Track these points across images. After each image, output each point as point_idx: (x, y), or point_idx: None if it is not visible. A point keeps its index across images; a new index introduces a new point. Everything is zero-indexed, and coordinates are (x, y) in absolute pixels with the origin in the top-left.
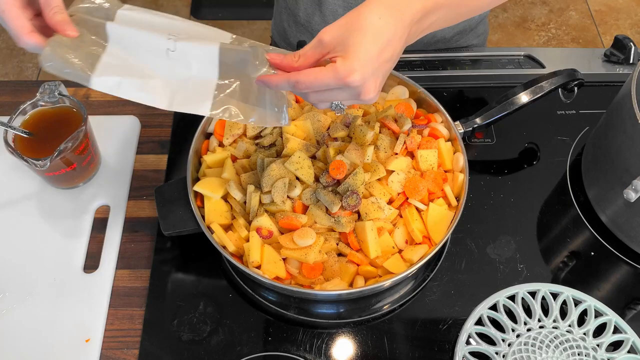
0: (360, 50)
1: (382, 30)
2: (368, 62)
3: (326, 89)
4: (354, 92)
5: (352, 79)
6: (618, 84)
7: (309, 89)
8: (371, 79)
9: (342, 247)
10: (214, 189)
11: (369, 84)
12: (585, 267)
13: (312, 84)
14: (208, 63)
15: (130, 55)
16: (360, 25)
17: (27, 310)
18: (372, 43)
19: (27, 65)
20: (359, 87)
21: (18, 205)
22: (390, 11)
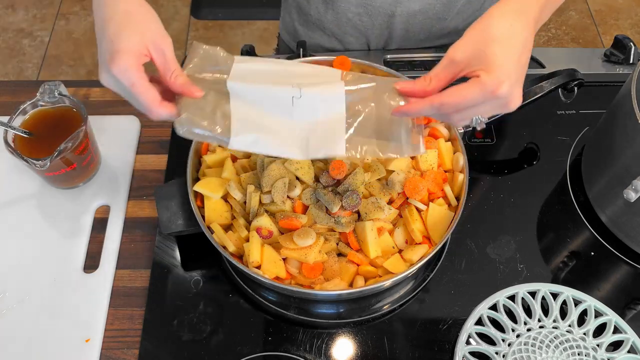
0: (502, 60)
1: (516, 36)
2: (512, 70)
3: (472, 106)
4: (501, 102)
5: (501, 90)
6: (618, 84)
7: (456, 108)
8: (517, 86)
9: (342, 247)
10: (214, 189)
11: (516, 91)
12: (585, 267)
13: (460, 104)
14: (335, 104)
15: (256, 109)
16: (493, 35)
17: (27, 310)
18: (511, 51)
19: (27, 65)
20: (507, 97)
21: (18, 205)
22: (518, 16)
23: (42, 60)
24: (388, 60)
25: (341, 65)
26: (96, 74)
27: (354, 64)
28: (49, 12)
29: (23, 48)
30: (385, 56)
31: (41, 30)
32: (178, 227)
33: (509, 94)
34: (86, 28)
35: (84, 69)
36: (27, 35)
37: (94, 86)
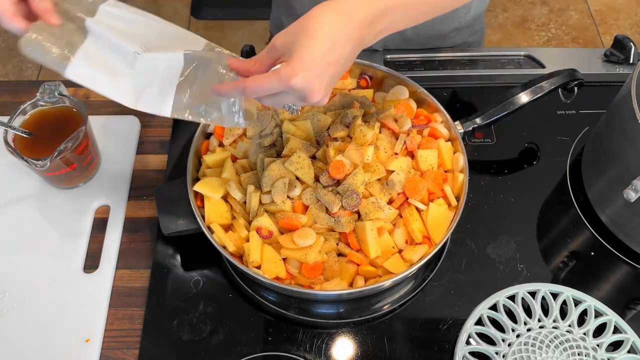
0: (303, 53)
1: (327, 34)
2: (311, 65)
3: (275, 93)
4: (299, 94)
5: (294, 81)
6: (618, 84)
7: (256, 94)
8: (315, 81)
9: (342, 247)
10: (214, 189)
11: (314, 86)
12: (585, 267)
13: (258, 90)
14: (173, 68)
15: (104, 53)
16: (306, 29)
17: (27, 310)
18: (316, 46)
19: (27, 65)
20: (303, 89)
21: (18, 205)
22: (337, 15)
23: None
24: (388, 60)
25: None
26: None
27: (353, 64)
28: None
29: None
30: (386, 56)
31: None
32: (178, 227)
33: (305, 87)
34: None
35: None
36: None
37: None
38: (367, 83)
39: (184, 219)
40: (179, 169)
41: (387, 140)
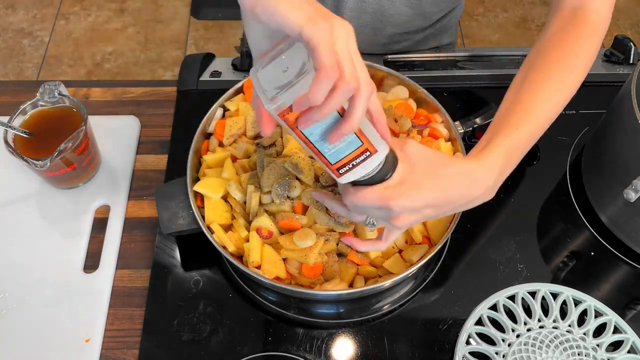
0: (422, 184)
1: (456, 185)
2: (418, 199)
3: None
4: (388, 215)
5: (393, 204)
6: (618, 84)
7: (357, 208)
8: (413, 212)
9: (342, 247)
10: (214, 189)
11: (406, 217)
12: (585, 267)
13: (359, 203)
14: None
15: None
16: (447, 164)
17: (27, 310)
18: (437, 190)
19: (27, 65)
20: (397, 213)
21: (18, 205)
22: (483, 186)
23: (42, 60)
24: (388, 60)
25: None
26: (96, 73)
27: None
28: (49, 12)
29: (23, 48)
30: (386, 56)
31: (41, 30)
32: (178, 227)
33: (399, 212)
34: (86, 28)
35: (84, 69)
36: (27, 35)
37: (94, 86)
38: None
39: (184, 219)
40: (179, 169)
41: None
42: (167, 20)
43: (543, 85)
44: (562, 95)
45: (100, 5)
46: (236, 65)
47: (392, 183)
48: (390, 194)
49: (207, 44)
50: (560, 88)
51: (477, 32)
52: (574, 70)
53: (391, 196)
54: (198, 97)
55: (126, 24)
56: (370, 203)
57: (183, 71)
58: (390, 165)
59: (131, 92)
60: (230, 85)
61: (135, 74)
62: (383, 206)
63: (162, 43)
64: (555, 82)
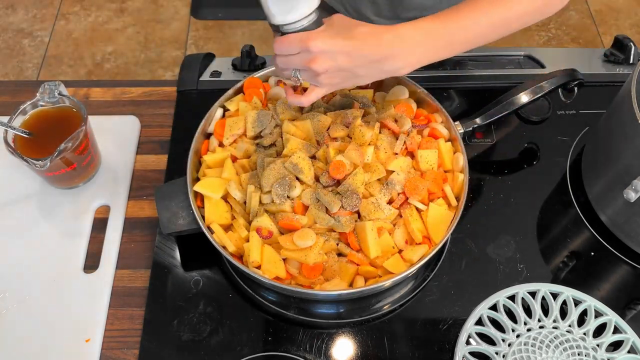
0: (339, 26)
1: (367, 32)
2: (334, 41)
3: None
4: (307, 57)
5: (312, 44)
6: (618, 84)
7: (281, 52)
8: (327, 56)
9: (342, 247)
10: (214, 189)
11: (323, 58)
12: (585, 267)
13: (283, 48)
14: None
15: None
16: (357, 29)
17: (27, 310)
18: (348, 39)
19: (27, 65)
20: (314, 54)
21: (18, 205)
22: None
23: (42, 60)
24: None
25: None
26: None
27: None
28: (49, 12)
29: (23, 48)
30: None
31: (41, 30)
32: (178, 227)
33: (316, 54)
34: (86, 28)
35: (84, 69)
36: (27, 35)
37: (94, 86)
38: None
39: (184, 219)
40: (179, 169)
41: (387, 140)
42: (167, 20)
43: (484, 3)
44: (498, 15)
45: (100, 5)
46: (236, 65)
47: (312, 31)
48: (308, 36)
49: (207, 44)
50: (499, 9)
51: None
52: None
53: (309, 37)
54: (198, 97)
55: (126, 24)
56: (291, 45)
57: (183, 71)
58: (317, 26)
59: (131, 92)
60: (230, 85)
61: (135, 74)
62: (302, 48)
63: (162, 43)
64: (494, 4)
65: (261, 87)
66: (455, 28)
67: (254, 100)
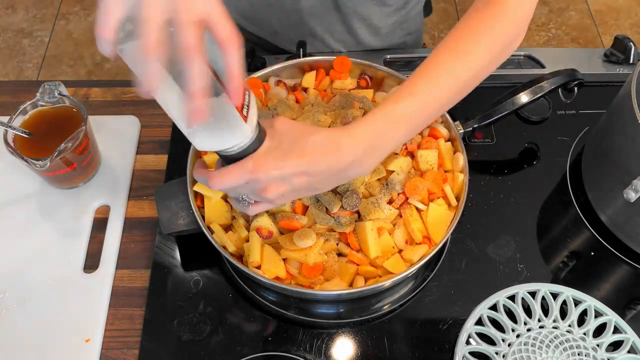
0: (283, 155)
1: (312, 146)
2: (283, 165)
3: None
4: (257, 187)
5: (260, 175)
6: (618, 84)
7: (223, 187)
8: (278, 182)
9: (342, 247)
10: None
11: (274, 185)
12: (585, 267)
13: (225, 183)
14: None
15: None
16: (309, 141)
17: (27, 310)
18: (301, 157)
19: (27, 65)
20: (264, 182)
21: (18, 205)
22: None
23: (42, 60)
24: (388, 60)
25: (341, 65)
26: (96, 74)
27: (354, 64)
28: (49, 12)
29: (23, 48)
30: (385, 56)
31: (41, 30)
32: (178, 227)
33: (268, 182)
34: (86, 28)
35: (84, 69)
36: (27, 35)
37: (94, 86)
38: (367, 83)
39: (184, 219)
40: (179, 169)
41: None
42: None
43: (433, 68)
44: (454, 77)
45: None
46: None
47: (257, 154)
48: (256, 165)
49: None
50: (459, 68)
51: None
52: (473, 53)
53: (257, 167)
54: None
55: None
56: (237, 179)
57: None
58: (259, 141)
59: (131, 92)
60: None
61: None
62: (250, 179)
63: None
64: (445, 67)
65: (261, 87)
66: (411, 108)
67: None
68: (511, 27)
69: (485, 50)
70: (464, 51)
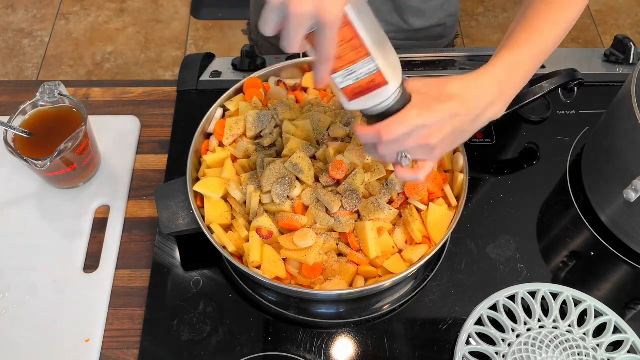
0: (436, 101)
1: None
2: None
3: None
4: (421, 134)
5: (426, 116)
6: (618, 84)
7: (393, 136)
8: (443, 124)
9: (342, 247)
10: (214, 189)
11: (437, 126)
12: (585, 267)
13: (394, 131)
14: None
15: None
16: (447, 91)
17: (27, 310)
18: (451, 102)
19: (27, 65)
20: (425, 127)
21: (18, 205)
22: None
23: (42, 60)
24: None
25: None
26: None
27: None
28: (49, 12)
29: (23, 48)
30: None
31: (41, 30)
32: (178, 227)
33: (433, 124)
34: (86, 28)
35: (84, 69)
36: (27, 35)
37: (94, 86)
38: None
39: (184, 219)
40: (179, 169)
41: None
42: (167, 20)
43: (544, 15)
44: (560, 25)
45: (100, 5)
46: (236, 65)
47: (412, 105)
48: (420, 110)
49: (207, 44)
50: (559, 19)
51: (477, 32)
52: (564, 10)
53: (421, 110)
54: (198, 97)
55: (126, 24)
56: (408, 125)
57: (183, 71)
58: (403, 100)
59: (131, 92)
60: (230, 85)
61: (135, 74)
62: (416, 126)
63: (162, 43)
64: (554, 13)
65: (261, 87)
66: (531, 52)
67: (254, 100)
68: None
69: (575, 5)
70: (557, 8)
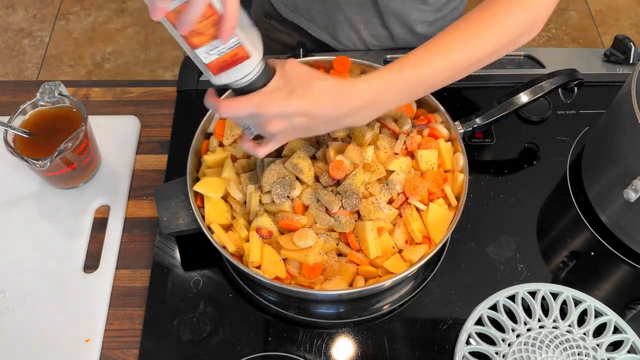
0: (288, 95)
1: (321, 90)
2: (285, 105)
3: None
4: (261, 120)
5: (266, 110)
6: (618, 84)
7: (230, 115)
8: (280, 120)
9: (342, 247)
10: (214, 189)
11: (277, 122)
12: (585, 267)
13: (233, 112)
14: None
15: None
16: (314, 86)
17: (27, 310)
18: (303, 99)
19: (27, 65)
20: (269, 117)
21: (18, 205)
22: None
23: (42, 60)
24: (388, 60)
25: (341, 65)
26: (96, 73)
27: (354, 64)
28: (49, 12)
29: (23, 48)
30: (386, 56)
31: (41, 30)
32: (178, 227)
33: (270, 118)
34: (86, 28)
35: (84, 69)
36: (27, 35)
37: (94, 86)
38: None
39: (184, 219)
40: (179, 169)
41: (387, 140)
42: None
43: (443, 43)
44: (457, 58)
45: (100, 5)
46: None
47: (264, 91)
48: (261, 101)
49: None
50: (463, 49)
51: None
52: (483, 37)
53: (262, 103)
54: (198, 97)
55: (126, 24)
56: (244, 110)
57: (183, 71)
58: (266, 77)
59: (131, 92)
60: None
61: (135, 74)
62: (255, 113)
63: (162, 43)
64: (458, 43)
65: None
66: (415, 76)
67: None
68: (529, 13)
69: (500, 34)
70: (476, 33)
